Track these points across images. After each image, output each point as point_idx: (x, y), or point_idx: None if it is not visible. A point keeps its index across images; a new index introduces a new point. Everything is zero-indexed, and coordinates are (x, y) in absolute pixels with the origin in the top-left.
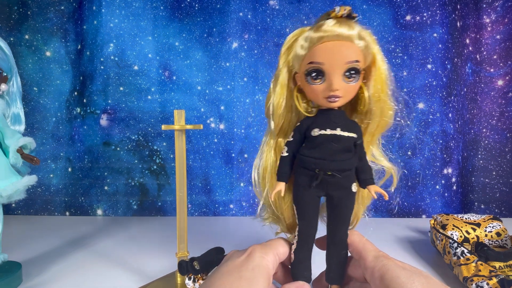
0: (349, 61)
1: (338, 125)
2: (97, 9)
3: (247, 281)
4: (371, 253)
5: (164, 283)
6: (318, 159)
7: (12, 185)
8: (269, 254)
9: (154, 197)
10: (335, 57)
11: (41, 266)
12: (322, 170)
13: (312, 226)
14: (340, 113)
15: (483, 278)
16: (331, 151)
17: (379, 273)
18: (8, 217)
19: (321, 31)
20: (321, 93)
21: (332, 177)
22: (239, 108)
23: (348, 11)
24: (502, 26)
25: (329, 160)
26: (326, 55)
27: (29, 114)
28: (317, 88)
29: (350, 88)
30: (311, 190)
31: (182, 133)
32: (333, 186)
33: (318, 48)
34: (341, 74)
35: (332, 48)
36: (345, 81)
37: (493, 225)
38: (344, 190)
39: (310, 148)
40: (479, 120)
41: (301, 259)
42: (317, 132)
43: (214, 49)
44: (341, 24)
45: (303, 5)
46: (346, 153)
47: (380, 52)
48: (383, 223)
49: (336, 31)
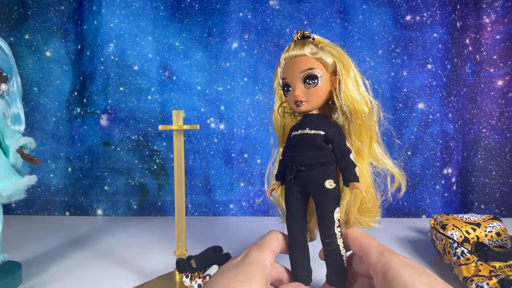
0: (303, 70)
1: (308, 126)
2: (97, 9)
3: (244, 275)
4: (375, 249)
5: (163, 281)
6: (292, 156)
7: (12, 185)
8: (266, 252)
9: (154, 197)
10: (293, 70)
11: (41, 266)
12: (295, 165)
13: (295, 221)
14: (316, 116)
15: (483, 278)
16: (301, 148)
17: (382, 269)
18: (8, 217)
19: (284, 54)
20: (291, 100)
21: (307, 173)
22: (239, 108)
23: (301, 34)
24: (502, 26)
25: (300, 157)
26: (287, 71)
27: (29, 114)
28: (289, 98)
29: (311, 93)
30: (291, 186)
31: (180, 133)
32: (308, 182)
33: (284, 67)
34: (300, 82)
35: (291, 64)
36: (306, 87)
37: (493, 225)
38: (318, 186)
39: (289, 149)
40: (479, 120)
41: (296, 256)
42: (292, 134)
43: (214, 49)
44: (295, 46)
45: (303, 5)
46: (316, 149)
47: (346, 58)
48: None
49: (290, 53)
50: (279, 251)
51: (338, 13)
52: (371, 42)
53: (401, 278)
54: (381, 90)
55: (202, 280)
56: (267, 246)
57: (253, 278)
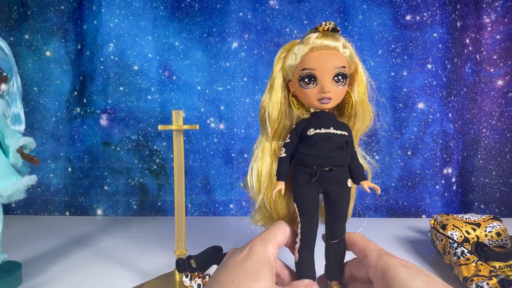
0: (337, 67)
1: (331, 125)
2: (97, 9)
3: (252, 274)
4: (374, 252)
5: (163, 280)
6: (315, 156)
7: (12, 185)
8: (269, 247)
9: (154, 197)
10: (325, 63)
11: (41, 266)
12: (319, 166)
13: (314, 222)
14: (331, 115)
15: (483, 278)
16: (326, 148)
17: (381, 270)
18: (8, 217)
19: (310, 43)
20: (314, 96)
21: (329, 173)
22: (239, 108)
23: (333, 25)
24: (502, 26)
25: (325, 157)
26: (317, 62)
27: (29, 114)
28: (310, 91)
29: (338, 91)
30: (310, 187)
31: (180, 133)
32: (330, 182)
33: (309, 56)
34: (331, 78)
35: (322, 56)
36: (334, 85)
37: (493, 225)
38: (340, 185)
39: (307, 147)
40: (479, 120)
41: (305, 257)
42: (312, 132)
43: (214, 49)
44: (327, 37)
45: (303, 5)
46: (340, 150)
47: (361, 62)
48: (383, 223)
49: (323, 42)
50: (283, 244)
51: (338, 13)
52: (371, 42)
53: (399, 276)
54: (381, 90)
55: (202, 280)
56: (271, 240)
57: (262, 275)
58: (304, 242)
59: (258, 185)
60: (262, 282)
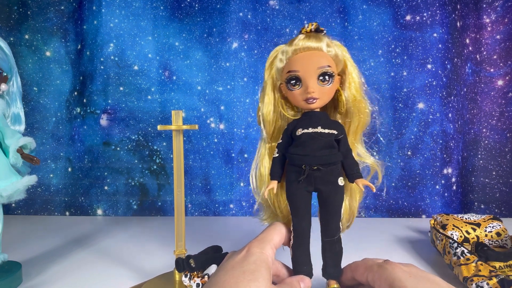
0: (321, 67)
1: (319, 124)
2: (97, 9)
3: (250, 273)
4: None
5: (162, 280)
6: (303, 155)
7: (12, 185)
8: (266, 248)
9: (154, 197)
10: (308, 64)
11: (41, 266)
12: (307, 165)
13: (304, 220)
14: (322, 114)
15: (483, 278)
16: (313, 147)
17: (386, 282)
18: (8, 217)
19: (294, 45)
20: (300, 96)
21: (317, 171)
22: (239, 108)
23: (315, 26)
24: (502, 26)
25: (312, 156)
26: (300, 63)
27: (29, 114)
28: (296, 92)
29: (325, 90)
30: (300, 185)
31: (179, 133)
32: (320, 180)
33: (293, 59)
34: (315, 78)
35: (305, 57)
36: (320, 84)
37: (493, 225)
38: (330, 184)
39: (295, 147)
40: (479, 120)
41: (299, 253)
42: (300, 132)
43: (214, 49)
44: (310, 38)
45: (303, 5)
46: (329, 148)
47: (350, 59)
48: (383, 223)
49: (305, 43)
50: (280, 245)
51: (338, 13)
52: (371, 42)
53: None
54: (381, 90)
55: (201, 280)
56: (268, 241)
57: (260, 276)
58: (297, 239)
59: (260, 185)
60: (260, 281)
